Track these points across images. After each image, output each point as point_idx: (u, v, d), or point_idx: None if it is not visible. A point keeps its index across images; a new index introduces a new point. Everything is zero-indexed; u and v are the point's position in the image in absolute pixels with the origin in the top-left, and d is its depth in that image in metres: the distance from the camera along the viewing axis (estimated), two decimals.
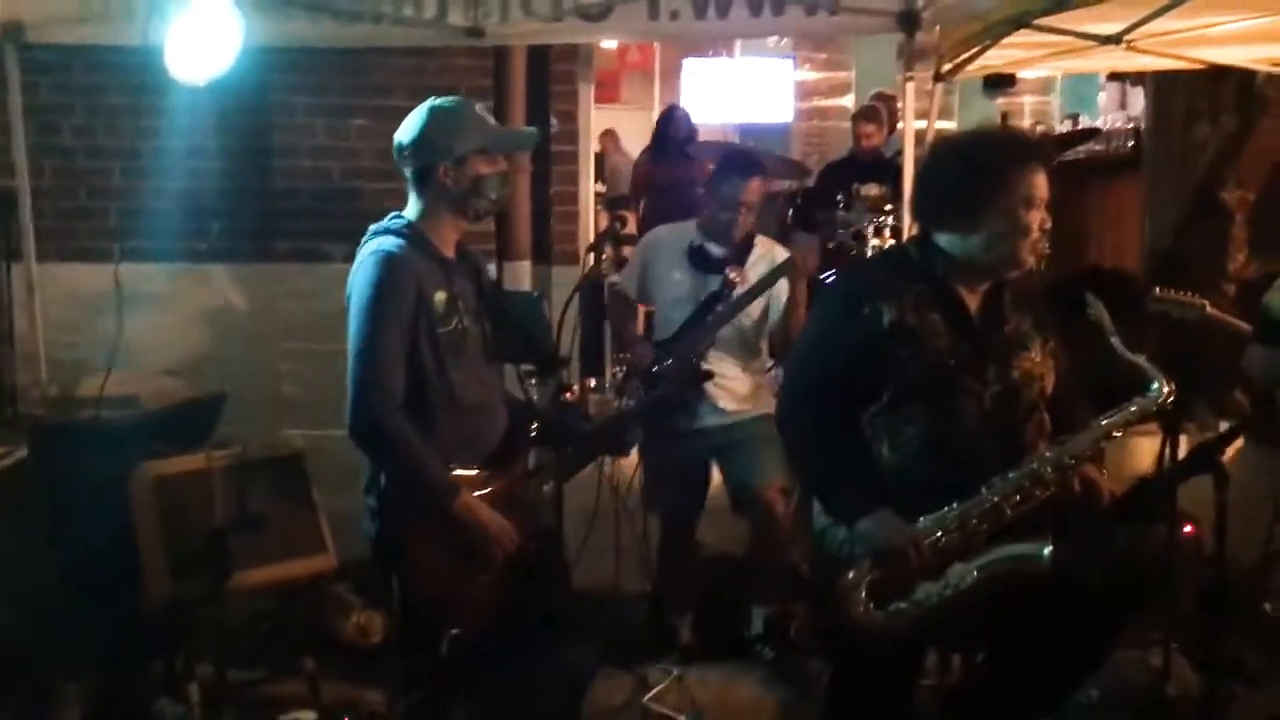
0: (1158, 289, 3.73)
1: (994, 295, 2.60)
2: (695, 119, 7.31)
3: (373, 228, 2.80)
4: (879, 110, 6.81)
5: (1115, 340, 2.56)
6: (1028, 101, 10.05)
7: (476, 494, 2.70)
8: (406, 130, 2.76)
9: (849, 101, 10.61)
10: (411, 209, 2.80)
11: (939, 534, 2.41)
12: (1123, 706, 3.47)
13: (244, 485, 3.65)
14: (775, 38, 9.76)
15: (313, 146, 4.62)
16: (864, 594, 2.39)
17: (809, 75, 11.06)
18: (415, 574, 2.68)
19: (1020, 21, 3.54)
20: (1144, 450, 4.60)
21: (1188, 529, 4.02)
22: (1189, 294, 3.64)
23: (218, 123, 4.65)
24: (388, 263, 2.66)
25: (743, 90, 9.88)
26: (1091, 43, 3.77)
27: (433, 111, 2.75)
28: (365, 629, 3.95)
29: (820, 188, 6.41)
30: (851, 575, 2.41)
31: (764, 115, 9.70)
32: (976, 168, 2.51)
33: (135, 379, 4.11)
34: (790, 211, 6.03)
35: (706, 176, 5.99)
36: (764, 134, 9.55)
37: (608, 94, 10.91)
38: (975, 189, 2.49)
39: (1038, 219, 2.49)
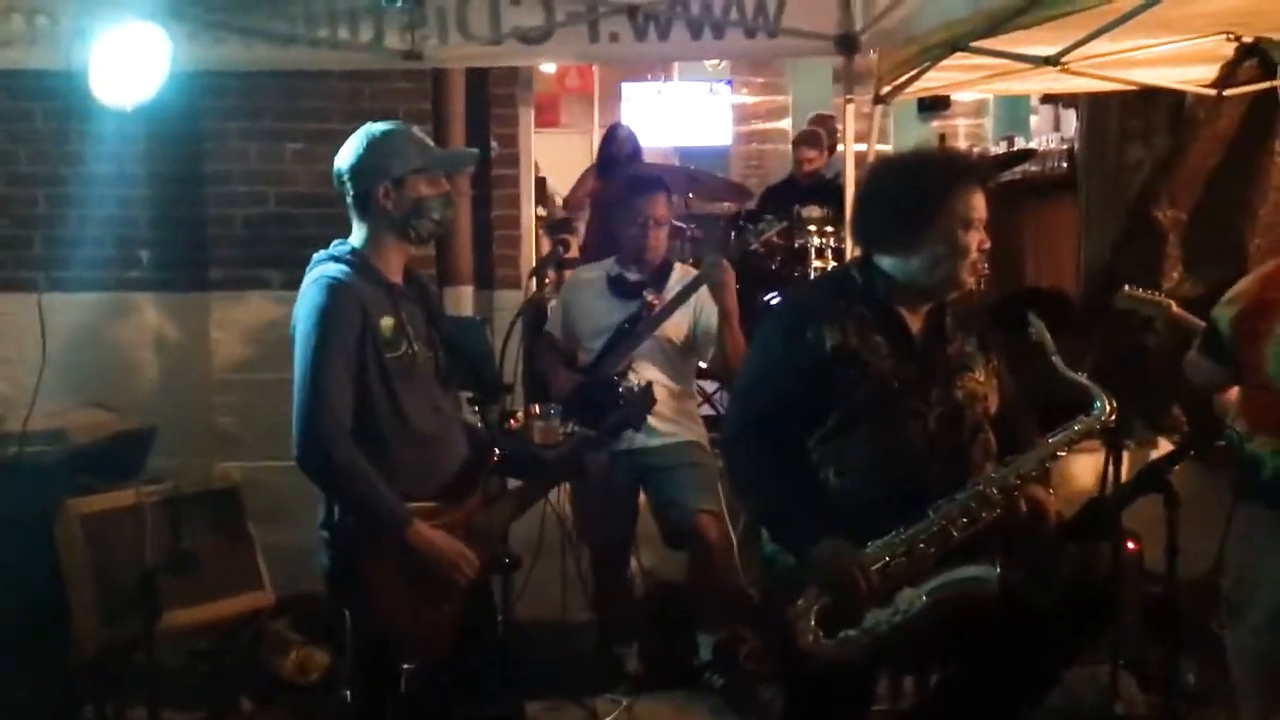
0: (1126, 286, 3.75)
1: (936, 316, 2.60)
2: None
3: (317, 255, 2.77)
4: (819, 135, 6.87)
5: (1057, 359, 2.57)
6: (962, 124, 10.19)
7: (432, 523, 2.65)
8: (345, 156, 2.74)
9: (787, 124, 10.70)
10: (355, 236, 2.77)
11: (887, 559, 2.39)
12: None
13: (177, 521, 3.55)
14: (713, 62, 9.83)
15: (246, 172, 4.52)
16: (813, 622, 2.36)
17: (746, 99, 11.14)
18: (371, 607, 2.63)
19: (956, 45, 3.56)
20: (1085, 469, 4.65)
21: (1131, 546, 4.08)
22: (1155, 294, 3.67)
23: (147, 148, 4.53)
24: (332, 290, 2.62)
25: (681, 114, 9.95)
26: (1027, 65, 3.80)
27: (370, 135, 2.73)
28: (305, 666, 3.85)
29: (761, 210, 6.43)
30: (800, 603, 2.39)
31: (702, 139, 9.77)
32: (915, 189, 2.51)
33: (61, 412, 3.97)
34: (732, 234, 6.03)
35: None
36: (703, 157, 9.60)
37: (547, 118, 10.90)
38: (914, 210, 2.49)
39: (976, 239, 2.50)
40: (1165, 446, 4.64)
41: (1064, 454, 2.54)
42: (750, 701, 3.59)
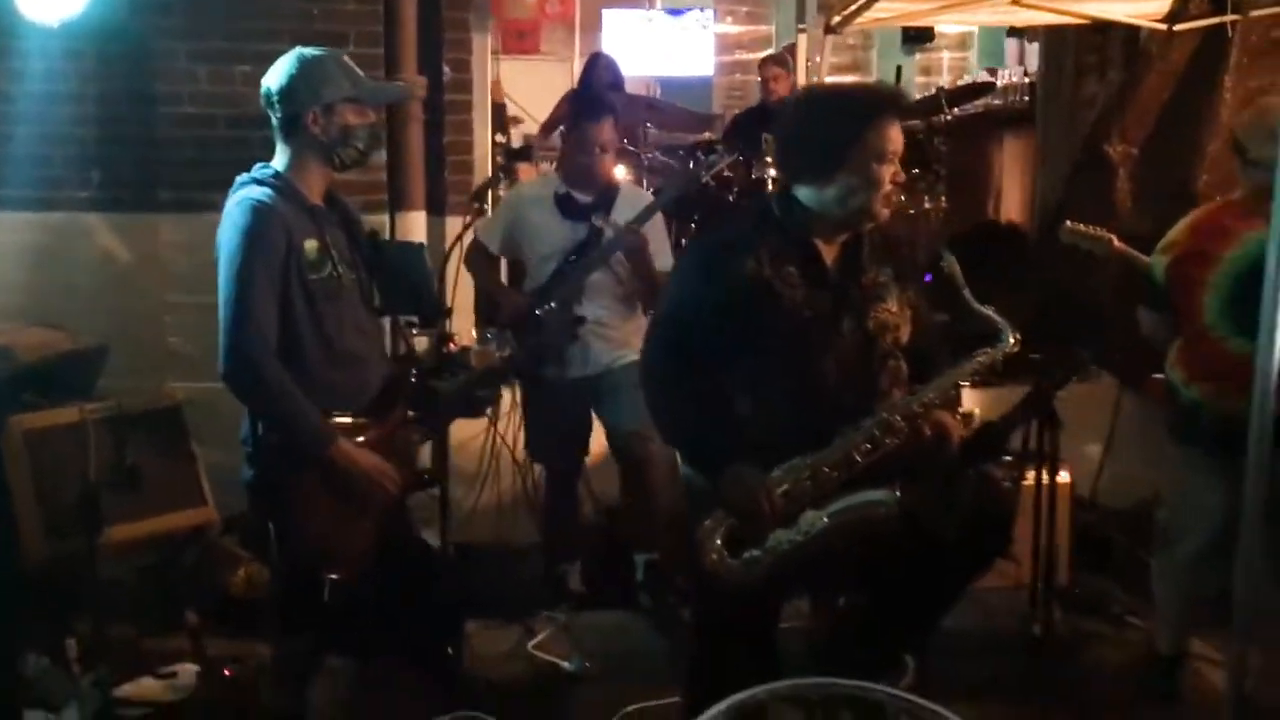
0: (1068, 221, 3.79)
1: (852, 247, 2.64)
2: None
3: (239, 178, 2.80)
4: (785, 57, 6.79)
5: (966, 294, 2.62)
6: (946, 57, 10.11)
7: (355, 440, 2.70)
8: (275, 77, 2.76)
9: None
10: (279, 158, 2.79)
11: (791, 483, 2.46)
12: (991, 644, 3.60)
13: (120, 439, 3.62)
14: None
15: (195, 94, 4.49)
16: (719, 542, 2.44)
17: (730, 29, 11.01)
18: (293, 519, 2.68)
19: None
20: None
21: (1065, 476, 4.18)
22: (1097, 229, 3.71)
23: (97, 69, 4.48)
24: (255, 211, 2.65)
25: (663, 43, 9.83)
26: None
27: (301, 59, 2.75)
28: (253, 582, 3.91)
29: (729, 138, 6.40)
30: (708, 523, 2.46)
31: (685, 69, 9.68)
32: (831, 121, 2.54)
33: (11, 331, 4.01)
34: (691, 164, 6.01)
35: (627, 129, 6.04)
36: (685, 87, 9.51)
37: (527, 44, 10.76)
38: (829, 142, 2.52)
39: (889, 172, 2.54)
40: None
41: (966, 383, 2.60)
42: (673, 621, 3.69)
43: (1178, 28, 4.48)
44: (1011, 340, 2.59)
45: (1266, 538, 2.39)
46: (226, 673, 3.36)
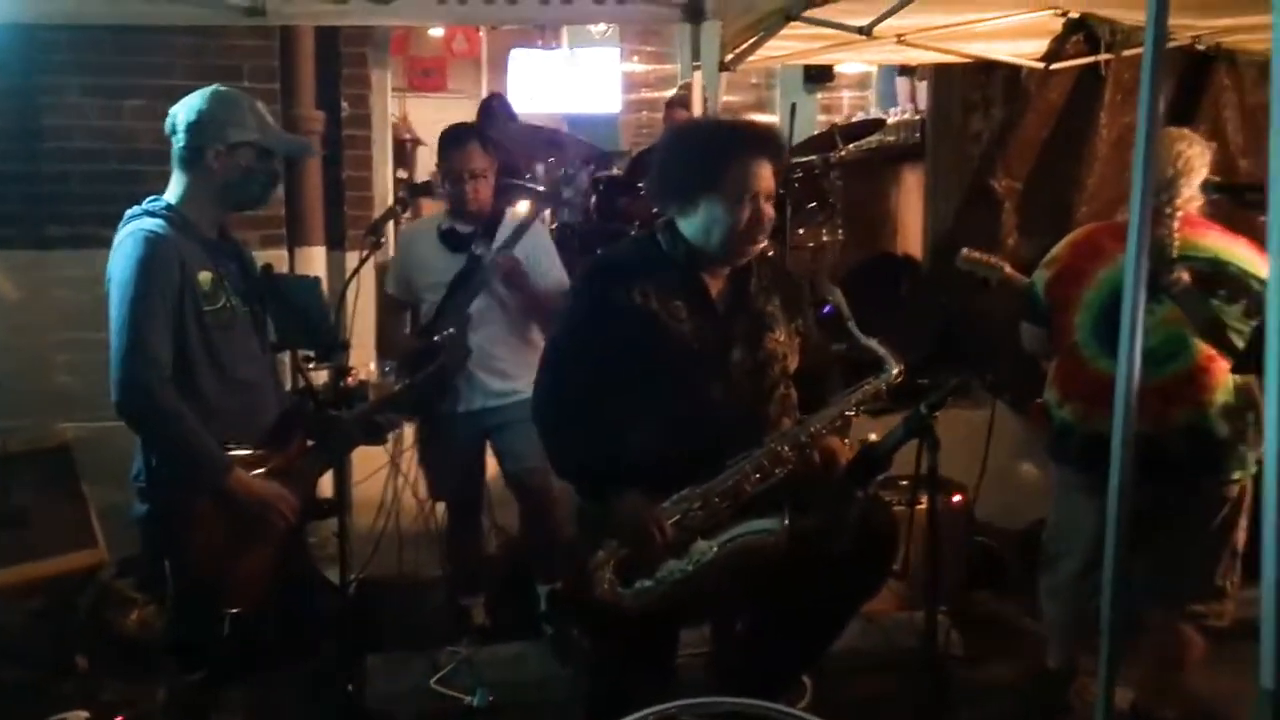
0: (965, 249, 3.90)
1: (739, 279, 2.70)
2: (524, 109, 7.31)
3: (130, 211, 2.78)
4: (689, 98, 6.90)
5: (852, 325, 2.70)
6: (846, 96, 10.36)
7: (253, 470, 2.69)
8: (185, 108, 2.77)
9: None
10: (173, 190, 2.79)
11: (682, 513, 2.50)
12: (889, 664, 3.67)
13: (6, 479, 3.53)
14: (600, 29, 9.82)
15: (86, 128, 4.42)
16: (610, 573, 2.47)
17: (636, 67, 11.15)
18: (189, 552, 2.65)
19: (788, 14, 3.67)
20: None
21: (957, 498, 4.30)
22: (992, 256, 3.83)
23: None
24: (148, 242, 2.65)
25: (570, 81, 9.92)
26: (846, 34, 3.94)
27: (216, 95, 2.78)
28: (147, 624, 3.83)
29: (629, 174, 6.48)
30: (600, 554, 2.49)
31: (592, 106, 9.78)
32: (694, 156, 2.62)
33: None
34: (594, 199, 6.09)
35: (527, 161, 6.07)
36: (592, 125, 9.59)
37: (434, 82, 10.78)
38: (690, 178, 2.59)
39: (747, 212, 2.57)
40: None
41: (853, 413, 2.67)
42: (575, 650, 3.70)
43: (1054, 66, 4.68)
44: (895, 370, 2.67)
45: (1144, 555, 2.51)
46: (119, 719, 3.28)
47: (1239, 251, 3.07)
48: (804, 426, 2.60)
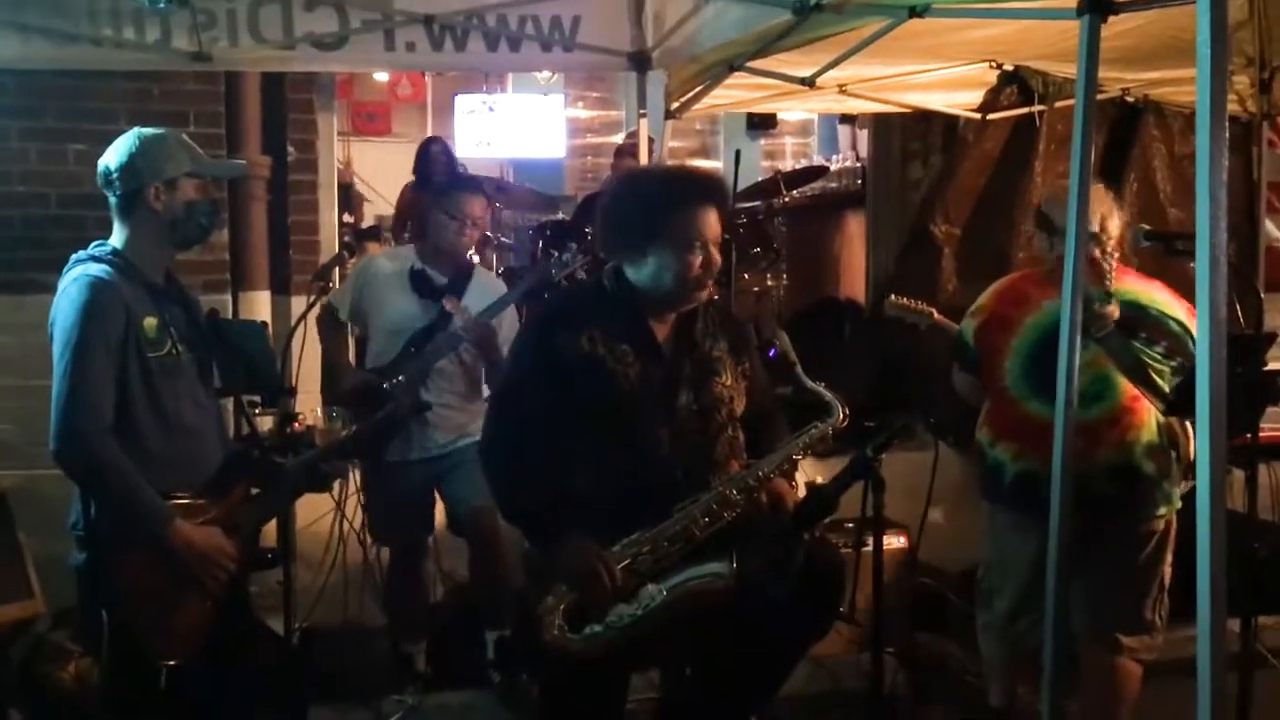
0: (892, 295, 3.96)
1: (686, 323, 2.73)
2: (468, 153, 7.34)
3: (76, 256, 2.75)
4: (637, 147, 6.98)
5: (798, 370, 2.73)
6: (789, 142, 10.54)
7: (194, 520, 2.65)
8: (113, 155, 2.74)
9: (620, 139, 10.85)
10: (117, 236, 2.76)
11: (632, 557, 2.51)
12: (836, 705, 3.69)
13: None
14: (545, 75, 9.92)
15: (26, 172, 4.39)
16: (559, 619, 2.46)
17: (581, 113, 11.25)
18: (127, 602, 2.59)
19: (731, 64, 3.75)
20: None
21: (902, 541, 4.34)
22: (919, 303, 3.89)
23: None
24: (94, 288, 2.61)
25: (515, 126, 9.99)
26: (791, 84, 4.03)
27: (140, 136, 2.75)
28: (83, 678, 3.74)
29: (576, 220, 6.53)
30: (550, 599, 2.48)
31: (537, 151, 9.85)
32: (641, 205, 2.64)
33: None
34: (540, 244, 6.12)
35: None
36: (537, 170, 9.66)
37: (378, 126, 10.83)
38: (638, 225, 2.62)
39: (696, 260, 2.61)
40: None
41: (800, 456, 2.70)
42: (523, 697, 3.67)
43: (990, 117, 4.81)
44: (841, 414, 2.69)
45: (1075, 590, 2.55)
46: None
47: (1157, 295, 3.18)
48: (751, 470, 2.62)
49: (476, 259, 4.42)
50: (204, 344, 2.83)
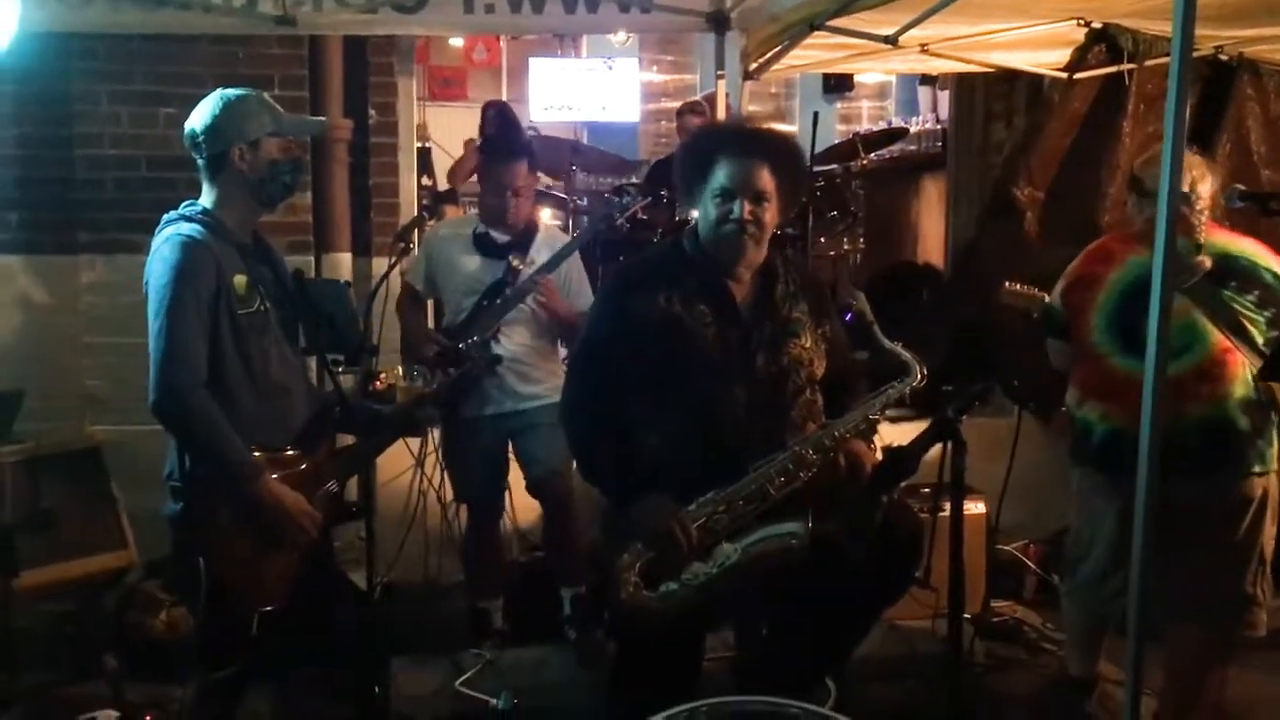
0: (1006, 283, 3.89)
1: (765, 286, 2.73)
2: (544, 117, 7.36)
3: (167, 216, 2.81)
4: (703, 105, 6.94)
5: (876, 331, 2.71)
6: (865, 106, 10.40)
7: (283, 473, 2.72)
8: (199, 118, 2.79)
9: None
10: (206, 196, 2.82)
11: (707, 516, 2.52)
12: (911, 671, 3.68)
13: (36, 480, 3.57)
14: (619, 39, 9.89)
15: (117, 135, 4.49)
16: (636, 575, 2.48)
17: (655, 77, 11.21)
18: (221, 550, 2.67)
19: (812, 23, 3.69)
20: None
21: (980, 506, 4.30)
22: (1033, 289, 3.82)
23: (15, 111, 4.47)
24: (186, 247, 2.67)
25: (590, 90, 9.99)
26: (871, 43, 3.96)
27: (225, 98, 2.80)
28: (175, 625, 3.87)
29: (647, 183, 6.52)
30: (625, 557, 2.51)
31: (611, 115, 9.85)
32: (692, 153, 2.70)
33: None
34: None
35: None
36: (611, 134, 9.65)
37: (455, 91, 10.87)
38: (687, 174, 2.68)
39: (727, 208, 2.62)
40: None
41: (877, 416, 2.68)
42: (598, 654, 3.72)
43: (1077, 76, 4.68)
44: (919, 374, 2.67)
45: (1168, 565, 2.49)
46: (147, 718, 3.31)
47: (1247, 247, 3.13)
48: (828, 430, 2.61)
49: (548, 216, 4.44)
50: (290, 302, 2.88)
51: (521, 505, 4.23)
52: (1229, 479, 3.07)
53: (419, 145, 5.82)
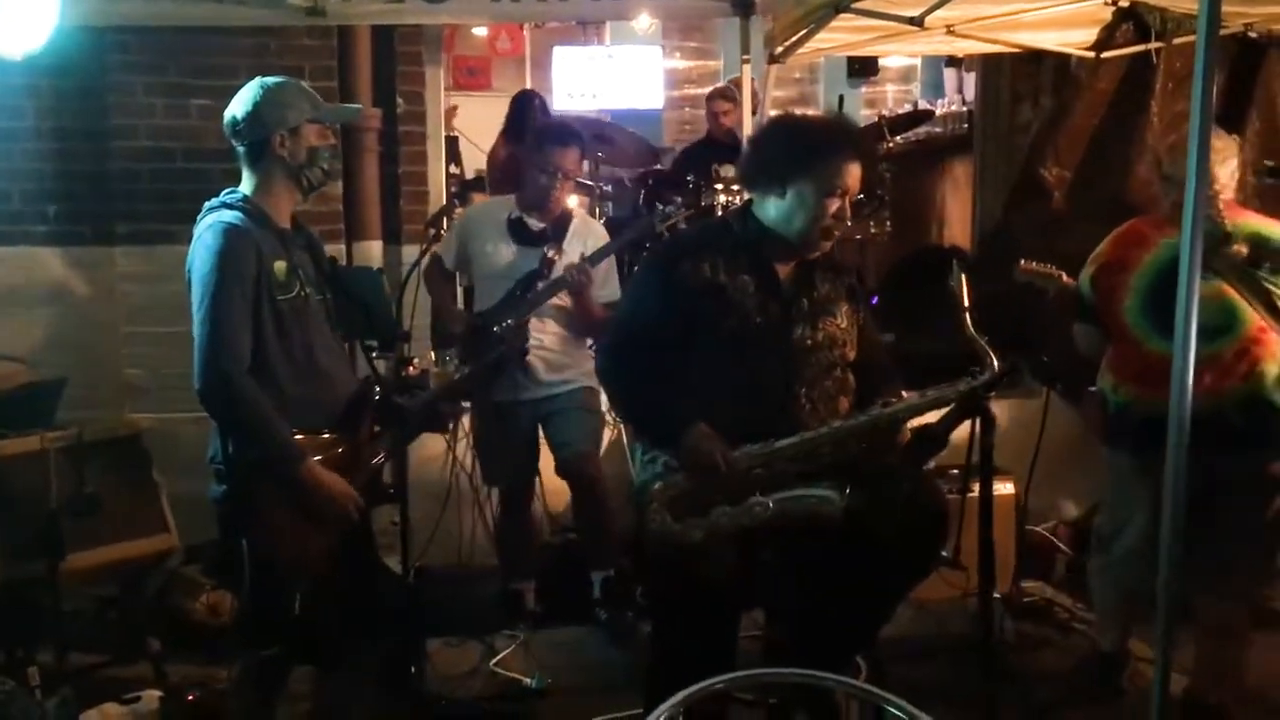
0: (1021, 260, 3.90)
1: (806, 269, 2.77)
2: (567, 105, 7.38)
3: (208, 203, 2.85)
4: (733, 90, 6.92)
5: (965, 315, 2.67)
6: (890, 90, 10.34)
7: (323, 455, 2.76)
8: (239, 105, 2.82)
9: None
10: (246, 184, 2.85)
11: (752, 460, 2.56)
12: (941, 650, 3.71)
13: (81, 466, 3.64)
14: (644, 25, 9.92)
15: (152, 127, 4.55)
16: (663, 503, 2.54)
17: (678, 64, 11.20)
18: (265, 531, 2.72)
19: (838, 5, 3.70)
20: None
21: (1010, 489, 4.31)
22: (1048, 266, 3.83)
23: (52, 103, 4.55)
24: (227, 234, 2.71)
25: (613, 78, 10.00)
26: (897, 24, 3.97)
27: (264, 86, 2.83)
28: (216, 608, 3.95)
29: (674, 170, 6.53)
30: (657, 486, 2.57)
31: (635, 102, 9.86)
32: (791, 145, 2.69)
33: None
34: (642, 194, 6.13)
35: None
36: (636, 121, 9.67)
37: (479, 81, 10.89)
38: (784, 163, 2.67)
39: (833, 206, 2.66)
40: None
41: (952, 399, 2.62)
42: (630, 634, 3.77)
43: (1105, 55, 4.67)
44: (997, 370, 2.59)
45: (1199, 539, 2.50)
46: (190, 698, 3.39)
47: (1277, 229, 3.13)
48: (889, 411, 2.61)
49: (575, 203, 4.47)
50: (329, 287, 2.93)
51: (552, 488, 4.29)
52: (1265, 455, 3.09)
53: (446, 134, 5.86)
